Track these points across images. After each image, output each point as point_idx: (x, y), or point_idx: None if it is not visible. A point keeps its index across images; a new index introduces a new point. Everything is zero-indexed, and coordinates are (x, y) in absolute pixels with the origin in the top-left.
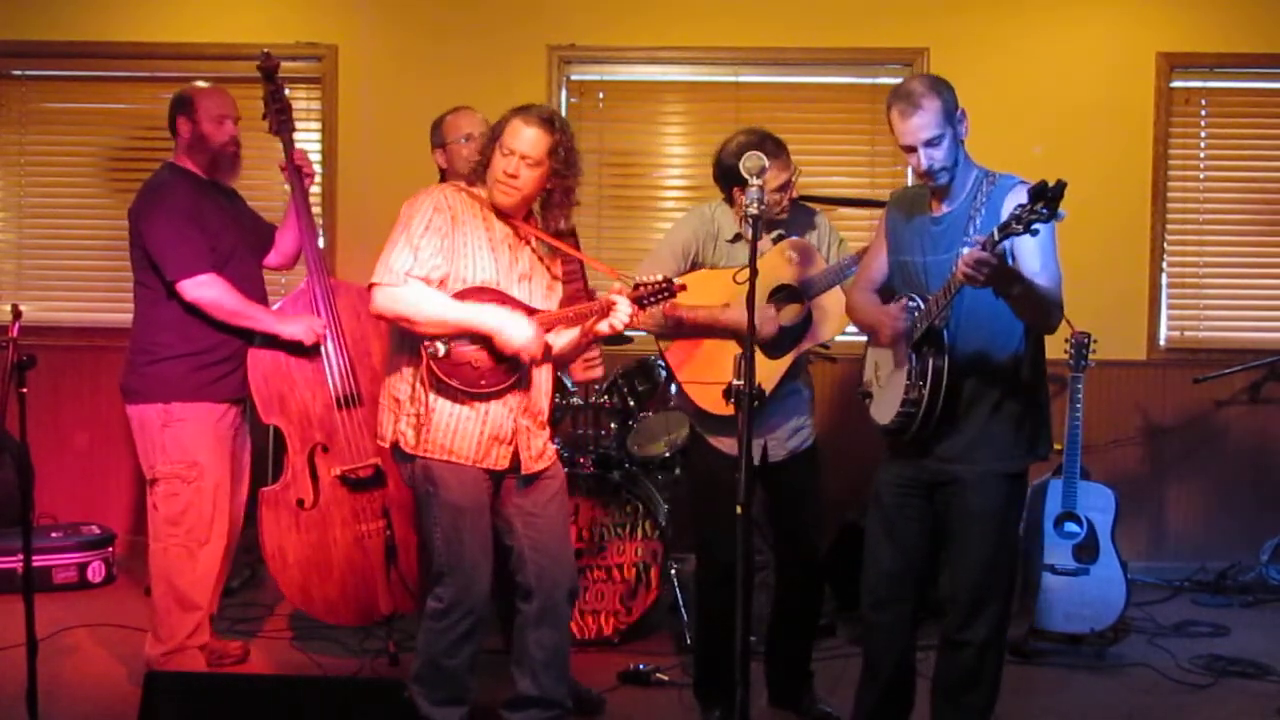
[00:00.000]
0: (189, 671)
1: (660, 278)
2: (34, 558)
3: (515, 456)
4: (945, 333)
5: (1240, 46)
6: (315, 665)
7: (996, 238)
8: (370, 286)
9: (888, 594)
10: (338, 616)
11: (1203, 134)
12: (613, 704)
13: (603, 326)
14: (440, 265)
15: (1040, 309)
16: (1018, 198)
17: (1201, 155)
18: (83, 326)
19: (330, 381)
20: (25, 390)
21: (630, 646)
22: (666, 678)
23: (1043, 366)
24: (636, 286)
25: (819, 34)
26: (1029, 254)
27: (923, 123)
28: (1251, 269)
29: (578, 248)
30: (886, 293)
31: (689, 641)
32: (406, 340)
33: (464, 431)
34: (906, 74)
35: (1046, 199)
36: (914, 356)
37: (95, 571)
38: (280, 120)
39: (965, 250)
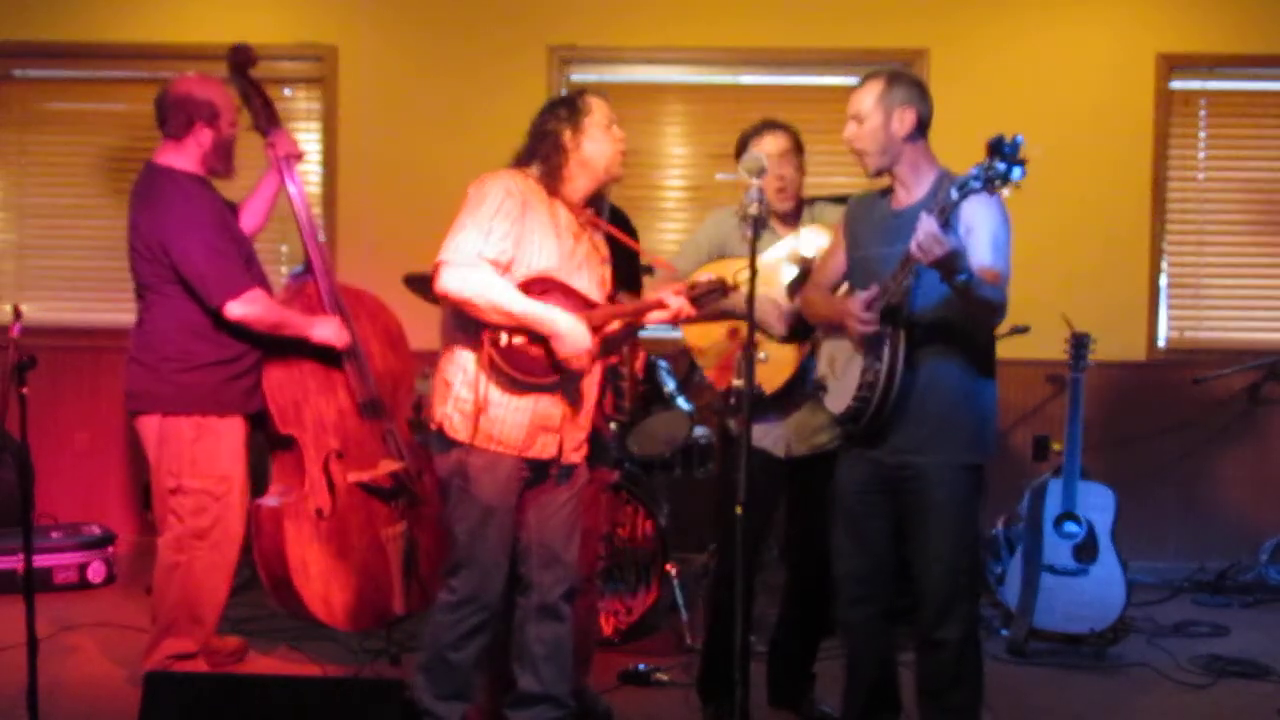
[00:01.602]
0: (189, 671)
1: (714, 277)
2: (34, 558)
3: (560, 444)
4: (901, 314)
5: (1240, 47)
6: (315, 665)
7: (956, 198)
8: (437, 265)
9: (859, 593)
10: (356, 623)
11: (1202, 135)
12: (613, 704)
13: (656, 315)
14: (507, 250)
15: (984, 304)
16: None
17: (1201, 156)
18: (83, 327)
19: (356, 387)
20: (25, 390)
21: (630, 646)
22: (666, 678)
23: (994, 362)
24: (693, 286)
25: (819, 34)
26: (980, 242)
27: (856, 98)
28: (1251, 269)
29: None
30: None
31: (688, 641)
32: (463, 324)
33: (514, 422)
34: None
35: (1003, 153)
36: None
37: (95, 571)
38: (268, 114)
39: (924, 216)
